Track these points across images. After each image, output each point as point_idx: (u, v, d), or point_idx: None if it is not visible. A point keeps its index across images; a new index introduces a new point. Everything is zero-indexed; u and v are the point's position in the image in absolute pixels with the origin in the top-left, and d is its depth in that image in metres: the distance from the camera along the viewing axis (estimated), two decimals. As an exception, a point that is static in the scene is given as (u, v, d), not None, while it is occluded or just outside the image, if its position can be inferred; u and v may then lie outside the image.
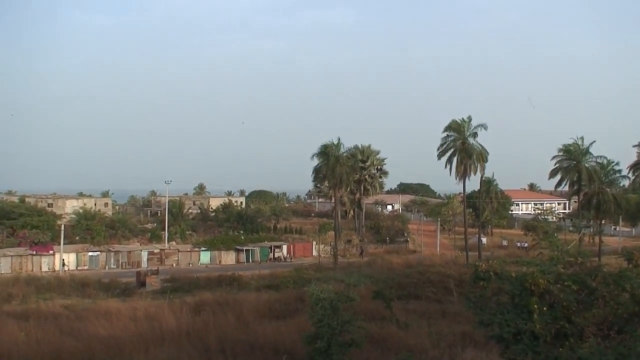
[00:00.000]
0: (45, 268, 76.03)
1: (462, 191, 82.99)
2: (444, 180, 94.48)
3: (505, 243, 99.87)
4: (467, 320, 34.73)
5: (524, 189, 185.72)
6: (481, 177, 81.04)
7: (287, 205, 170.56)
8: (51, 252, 78.16)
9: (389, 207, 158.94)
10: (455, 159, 75.87)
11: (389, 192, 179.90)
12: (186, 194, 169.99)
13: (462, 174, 75.67)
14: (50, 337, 34.28)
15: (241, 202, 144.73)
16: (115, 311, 42.15)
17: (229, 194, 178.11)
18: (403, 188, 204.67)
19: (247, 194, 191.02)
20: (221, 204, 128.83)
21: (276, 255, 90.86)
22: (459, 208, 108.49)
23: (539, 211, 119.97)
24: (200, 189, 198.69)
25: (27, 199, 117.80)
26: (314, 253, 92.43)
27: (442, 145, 77.24)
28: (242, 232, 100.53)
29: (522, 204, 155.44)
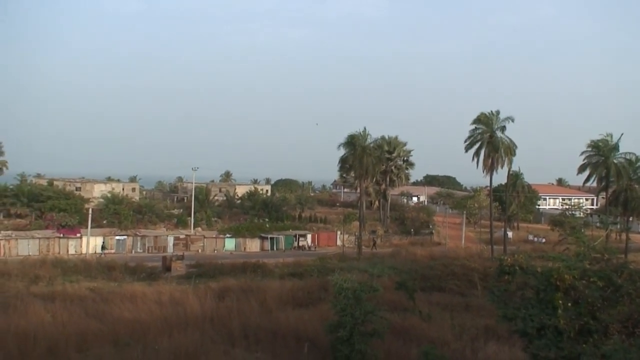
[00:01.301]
0: (72, 251, 76.97)
1: (488, 184, 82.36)
2: (470, 173, 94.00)
3: (536, 239, 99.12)
4: (491, 314, 34.62)
5: (552, 184, 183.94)
6: (508, 171, 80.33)
7: (312, 194, 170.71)
8: (78, 235, 79.06)
9: (415, 199, 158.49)
10: (482, 152, 75.27)
11: (415, 183, 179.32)
12: (212, 181, 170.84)
13: (489, 167, 75.08)
14: (76, 319, 34.72)
15: (267, 190, 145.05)
16: (140, 295, 42.55)
17: (255, 182, 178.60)
18: (429, 180, 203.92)
19: (272, 182, 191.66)
20: (247, 192, 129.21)
21: (300, 243, 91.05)
22: (485, 201, 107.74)
23: (567, 206, 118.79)
24: (227, 176, 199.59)
25: (55, 183, 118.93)
26: (338, 243, 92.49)
27: (469, 137, 76.68)
28: (267, 220, 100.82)
29: (549, 198, 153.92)
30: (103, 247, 78.58)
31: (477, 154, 75.83)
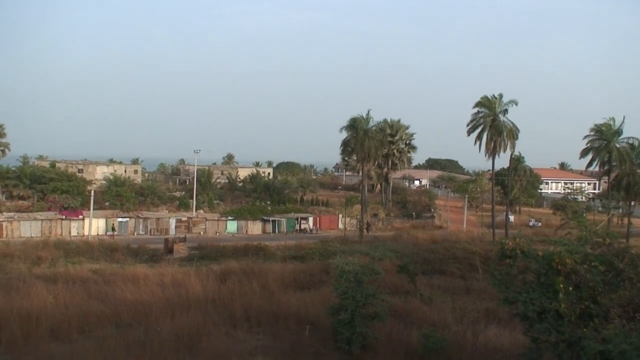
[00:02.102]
0: (74, 232, 77.17)
1: (490, 168, 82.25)
2: (472, 157, 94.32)
3: (532, 223, 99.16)
4: (492, 297, 34.72)
5: (554, 168, 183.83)
6: (511, 155, 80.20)
7: (314, 177, 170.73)
8: (80, 217, 79.21)
9: (417, 182, 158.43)
10: (485, 136, 75.07)
11: (417, 167, 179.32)
12: (215, 164, 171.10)
13: (492, 151, 74.92)
14: (78, 301, 34.84)
15: (269, 173, 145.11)
16: (142, 276, 42.66)
17: (257, 164, 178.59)
18: (431, 163, 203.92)
19: (275, 165, 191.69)
20: (249, 175, 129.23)
21: (302, 226, 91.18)
22: (487, 185, 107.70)
23: (569, 190, 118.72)
24: (229, 159, 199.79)
25: (57, 165, 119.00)
26: (340, 226, 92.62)
27: (472, 121, 76.42)
28: (269, 202, 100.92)
29: (551, 182, 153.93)
30: (113, 229, 78.99)
31: (479, 137, 75.64)
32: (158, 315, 31.94)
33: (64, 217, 78.46)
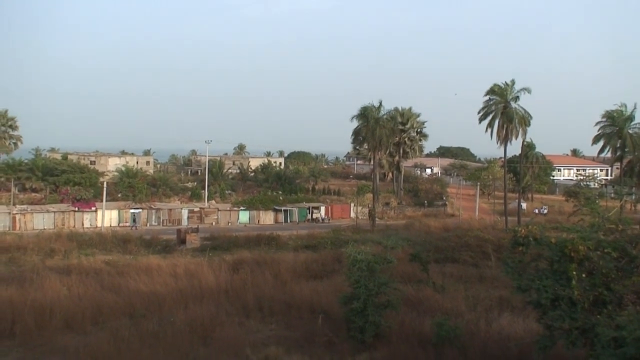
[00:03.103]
0: (87, 224, 77.57)
1: (502, 155, 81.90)
2: (484, 144, 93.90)
3: (538, 210, 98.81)
4: (505, 285, 34.63)
5: (567, 155, 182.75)
6: (522, 142, 79.76)
7: (325, 166, 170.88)
8: (93, 208, 79.60)
9: (428, 171, 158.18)
10: (496, 123, 74.73)
11: (429, 155, 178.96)
12: (226, 154, 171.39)
13: (504, 138, 74.58)
14: (92, 292, 35.01)
15: (280, 163, 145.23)
16: (155, 267, 42.83)
17: (268, 154, 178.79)
18: (443, 151, 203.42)
19: (286, 155, 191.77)
20: (260, 165, 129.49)
21: (314, 216, 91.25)
22: (499, 172, 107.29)
23: (581, 177, 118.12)
24: (240, 149, 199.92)
25: (69, 157, 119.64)
26: (352, 215, 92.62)
27: (483, 108, 76.08)
28: (280, 192, 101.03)
29: (564, 169, 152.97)
30: (134, 220, 79.56)
31: (490, 124, 75.32)
32: (171, 305, 32.07)
33: (76, 209, 78.87)
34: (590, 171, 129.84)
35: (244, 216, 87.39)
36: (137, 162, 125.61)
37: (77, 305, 31.36)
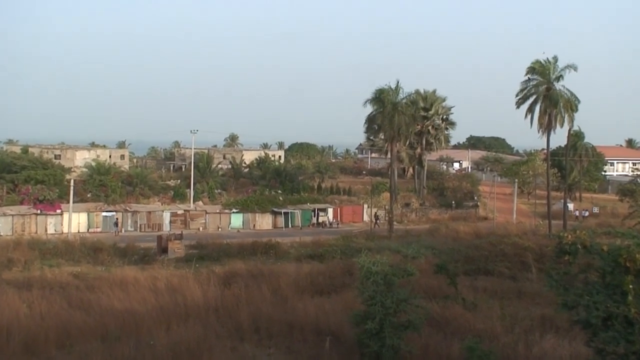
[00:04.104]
0: (51, 230, 77.80)
1: (545, 147, 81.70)
2: (523, 134, 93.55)
3: (586, 213, 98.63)
4: (548, 301, 34.55)
5: (621, 146, 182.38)
6: (569, 130, 79.55)
7: (333, 160, 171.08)
8: (58, 211, 79.79)
9: (456, 165, 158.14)
10: (537, 108, 74.51)
11: (457, 146, 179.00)
12: (215, 146, 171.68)
13: (546, 126, 74.37)
14: (57, 310, 35.04)
15: (280, 157, 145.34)
16: (132, 281, 42.88)
17: (266, 146, 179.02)
18: (473, 142, 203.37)
19: (286, 146, 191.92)
20: (256, 158, 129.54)
21: (320, 219, 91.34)
22: (541, 167, 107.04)
23: (638, 172, 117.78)
24: (232, 140, 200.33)
25: (30, 150, 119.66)
26: (365, 218, 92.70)
27: (521, 91, 75.84)
28: (280, 191, 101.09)
29: (617, 163, 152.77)
30: (116, 224, 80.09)
31: (530, 110, 75.12)
32: (151, 326, 32.10)
33: (38, 211, 79.07)
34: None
35: (236, 220, 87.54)
36: (109, 156, 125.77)
37: (39, 326, 31.41)
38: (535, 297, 40.56)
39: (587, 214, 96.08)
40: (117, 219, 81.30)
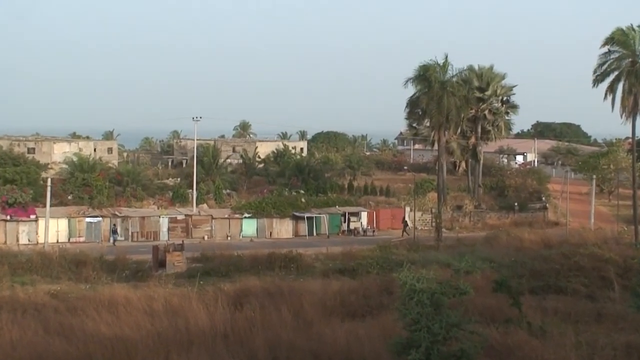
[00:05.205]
0: (24, 239, 78.26)
1: (629, 135, 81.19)
2: (602, 119, 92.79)
3: None
4: (634, 326, 34.32)
5: None
6: (661, 114, 79.03)
7: (368, 153, 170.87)
8: (33, 216, 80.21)
9: (519, 158, 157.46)
10: (619, 87, 74.01)
11: (520, 135, 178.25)
12: (223, 136, 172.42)
13: (631, 109, 73.80)
14: (31, 337, 35.23)
15: (301, 149, 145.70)
16: (123, 301, 43.08)
17: (284, 136, 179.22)
18: (540, 130, 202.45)
19: (310, 137, 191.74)
20: (273, 151, 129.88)
21: (352, 226, 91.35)
22: (625, 160, 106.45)
23: None
24: (243, 129, 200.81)
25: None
26: (408, 224, 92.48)
27: (599, 66, 75.34)
28: (302, 192, 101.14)
29: None
30: (114, 232, 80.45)
31: (611, 89, 74.62)
32: (146, 356, 32.25)
33: (8, 217, 79.54)
34: None
35: (249, 227, 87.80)
36: (94, 150, 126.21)
37: (9, 356, 31.64)
38: (618, 320, 40.30)
39: None
40: (114, 225, 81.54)
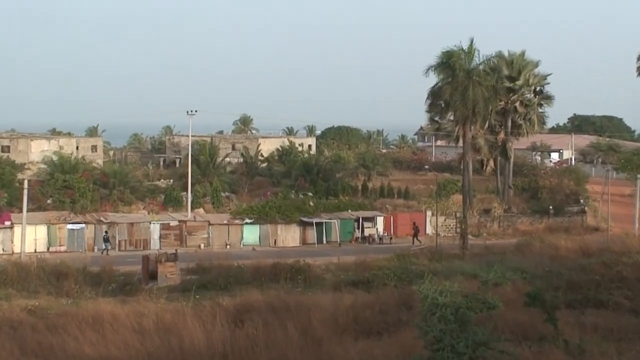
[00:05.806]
0: (-2, 249, 78.43)
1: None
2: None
3: None
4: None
5: None
6: None
7: (384, 151, 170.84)
8: (7, 223, 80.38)
9: (555, 156, 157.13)
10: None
11: (555, 129, 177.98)
12: (221, 132, 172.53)
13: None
14: (6, 358, 35.40)
15: (309, 146, 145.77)
16: (109, 318, 43.16)
17: (290, 132, 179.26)
18: (578, 124, 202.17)
19: (319, 132, 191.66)
20: (277, 149, 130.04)
21: (366, 232, 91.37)
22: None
23: None
24: (244, 123, 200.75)
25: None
26: (428, 230, 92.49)
27: (645, 51, 75.44)
28: (311, 194, 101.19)
29: None
30: (106, 240, 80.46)
31: (658, 78, 74.61)
32: (135, 380, 32.32)
33: (-19, 224, 79.74)
34: None
35: (251, 234, 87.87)
36: (77, 148, 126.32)
37: (-18, 381, 31.76)
38: (666, 337, 40.32)
39: None
40: (106, 232, 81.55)
